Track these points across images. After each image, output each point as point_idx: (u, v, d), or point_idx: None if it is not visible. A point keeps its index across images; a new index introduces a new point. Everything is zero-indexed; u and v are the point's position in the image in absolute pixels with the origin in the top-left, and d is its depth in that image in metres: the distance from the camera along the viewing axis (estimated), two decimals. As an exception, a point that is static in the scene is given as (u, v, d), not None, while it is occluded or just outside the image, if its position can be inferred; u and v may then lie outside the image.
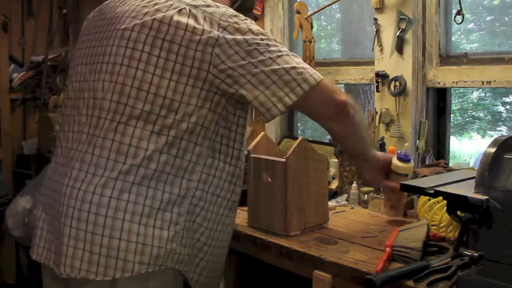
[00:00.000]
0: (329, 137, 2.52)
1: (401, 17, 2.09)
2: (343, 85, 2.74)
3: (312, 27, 2.43)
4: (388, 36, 2.14)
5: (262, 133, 1.79)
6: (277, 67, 1.27)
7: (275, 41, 1.33)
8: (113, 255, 1.21)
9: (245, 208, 1.79)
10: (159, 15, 1.27)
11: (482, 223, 1.14)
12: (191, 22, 1.26)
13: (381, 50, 2.17)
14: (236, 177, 1.39)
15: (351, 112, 1.39)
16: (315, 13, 2.47)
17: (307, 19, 2.40)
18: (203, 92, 1.27)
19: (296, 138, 2.03)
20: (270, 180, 1.66)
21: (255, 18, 2.71)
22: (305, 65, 1.32)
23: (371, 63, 2.27)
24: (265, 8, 2.71)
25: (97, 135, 1.27)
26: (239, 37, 1.26)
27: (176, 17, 1.26)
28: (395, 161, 1.64)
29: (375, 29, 2.18)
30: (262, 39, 1.29)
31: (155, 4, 1.31)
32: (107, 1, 1.44)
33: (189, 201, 1.29)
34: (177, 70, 1.25)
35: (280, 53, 1.29)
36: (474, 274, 1.16)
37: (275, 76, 1.27)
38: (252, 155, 1.70)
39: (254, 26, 1.31)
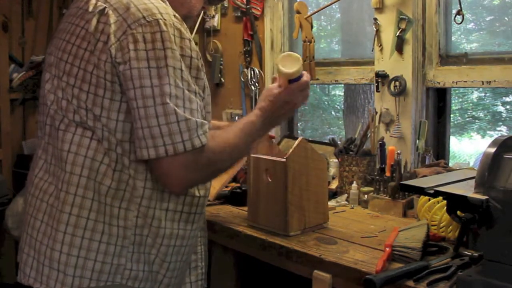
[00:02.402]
0: (329, 137, 2.53)
1: (401, 17, 2.09)
2: (343, 85, 2.74)
3: (312, 27, 2.43)
4: (388, 36, 2.14)
5: (262, 133, 1.79)
6: (152, 113, 1.15)
7: (180, 65, 1.19)
8: (54, 267, 1.20)
9: (245, 208, 1.80)
10: (81, 23, 1.24)
11: (482, 223, 1.14)
12: (102, 27, 1.20)
13: (381, 50, 2.17)
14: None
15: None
16: (315, 13, 2.47)
17: (307, 19, 2.40)
18: (123, 105, 1.20)
19: (296, 138, 2.03)
20: (270, 180, 1.66)
21: (255, 18, 2.72)
22: (184, 126, 1.17)
23: (371, 63, 2.26)
24: (265, 8, 2.70)
25: (47, 142, 1.28)
26: (132, 50, 1.16)
27: (94, 22, 1.21)
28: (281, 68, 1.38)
29: (375, 29, 2.18)
30: (157, 64, 1.16)
31: (86, 5, 1.27)
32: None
33: (135, 214, 1.24)
34: (94, 81, 1.20)
35: (165, 99, 1.16)
36: (474, 274, 1.16)
37: (145, 123, 1.16)
38: (252, 155, 1.70)
39: (160, 44, 1.17)
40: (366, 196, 1.97)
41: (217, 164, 1.28)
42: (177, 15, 1.26)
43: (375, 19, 2.17)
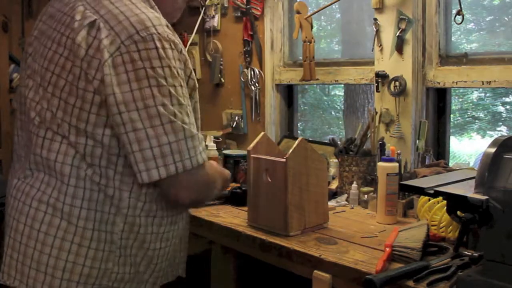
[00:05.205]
0: (329, 137, 2.53)
1: (401, 17, 2.09)
2: (343, 85, 2.74)
3: (312, 27, 2.43)
4: (388, 36, 2.14)
5: (262, 133, 1.79)
6: (160, 131, 1.15)
7: (179, 81, 1.20)
8: (42, 270, 1.21)
9: (245, 208, 1.80)
10: (71, 34, 1.20)
11: (482, 223, 1.14)
12: (95, 42, 1.16)
13: (381, 50, 2.17)
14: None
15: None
16: (315, 13, 2.47)
17: (307, 19, 2.40)
18: (102, 118, 1.19)
19: (296, 138, 2.03)
20: (270, 180, 1.66)
21: (255, 18, 2.72)
22: (192, 144, 1.20)
23: (371, 63, 2.26)
24: (265, 8, 2.70)
25: (31, 151, 1.27)
26: (130, 71, 1.14)
27: (83, 35, 1.17)
28: (380, 163, 1.77)
29: (375, 29, 2.18)
30: (158, 83, 1.15)
31: (73, 12, 1.23)
32: (48, 3, 1.39)
33: (123, 219, 1.24)
34: (80, 95, 1.18)
35: (172, 118, 1.16)
36: (474, 274, 1.16)
37: (155, 142, 1.15)
38: (252, 155, 1.70)
39: (158, 61, 1.16)
40: (366, 196, 1.97)
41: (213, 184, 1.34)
42: (168, 24, 1.25)
43: (375, 19, 2.17)
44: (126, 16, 1.18)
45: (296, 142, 1.64)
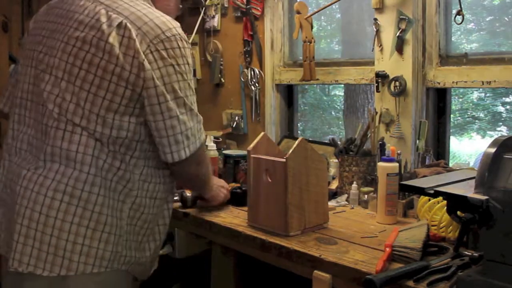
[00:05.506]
0: (329, 137, 2.53)
1: (401, 17, 2.09)
2: (343, 85, 2.74)
3: (312, 27, 2.43)
4: (388, 36, 2.14)
5: (262, 133, 1.79)
6: (186, 118, 1.37)
7: (192, 74, 1.42)
8: (59, 254, 1.28)
9: (245, 208, 1.80)
10: (98, 33, 1.31)
11: (482, 223, 1.14)
12: (125, 41, 1.30)
13: (381, 50, 2.17)
14: (168, 176, 1.49)
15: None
16: (315, 13, 2.47)
17: (307, 19, 2.40)
18: (136, 110, 1.34)
19: (296, 138, 2.03)
20: (270, 180, 1.66)
21: (255, 18, 2.72)
22: (199, 126, 1.44)
23: (371, 63, 2.27)
24: (265, 8, 2.70)
25: (46, 143, 1.33)
26: (162, 67, 1.33)
27: (113, 35, 1.30)
28: (380, 163, 1.79)
29: (375, 29, 2.18)
30: (183, 77, 1.36)
31: (97, 15, 1.33)
32: (50, 4, 1.50)
33: (129, 206, 1.37)
34: (112, 89, 1.31)
35: (191, 106, 1.39)
36: (474, 274, 1.16)
37: (184, 127, 1.37)
38: (252, 155, 1.70)
39: (181, 59, 1.36)
40: (366, 196, 1.97)
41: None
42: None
43: (375, 19, 2.17)
44: (149, 18, 1.33)
45: (296, 142, 1.64)
